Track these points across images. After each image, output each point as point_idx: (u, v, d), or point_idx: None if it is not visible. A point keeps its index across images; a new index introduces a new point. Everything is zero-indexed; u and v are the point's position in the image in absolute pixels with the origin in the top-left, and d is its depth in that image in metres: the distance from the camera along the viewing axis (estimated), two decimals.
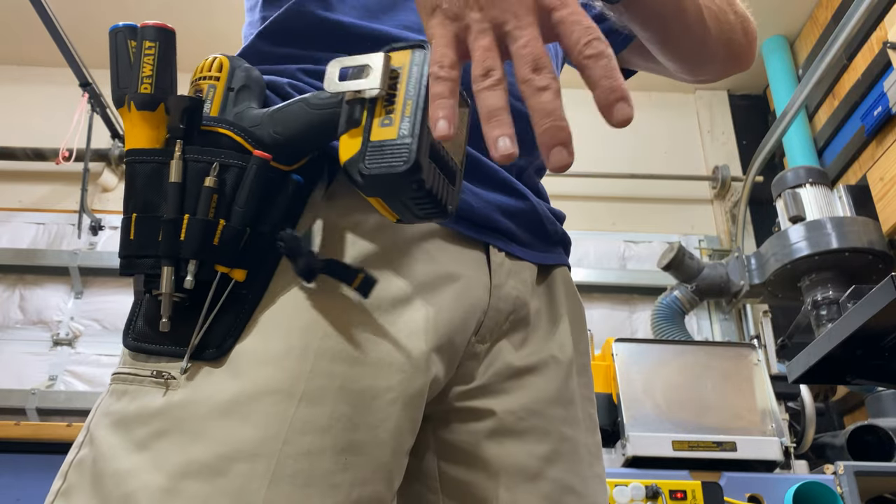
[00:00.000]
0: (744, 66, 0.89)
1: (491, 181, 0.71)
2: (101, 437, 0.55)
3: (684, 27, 0.79)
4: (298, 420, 0.54)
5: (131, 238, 0.55)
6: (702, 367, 2.08)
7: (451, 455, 0.69)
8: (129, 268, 0.56)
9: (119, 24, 0.58)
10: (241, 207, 0.55)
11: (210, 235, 0.54)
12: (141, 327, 0.57)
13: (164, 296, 0.54)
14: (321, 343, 0.57)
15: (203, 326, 0.55)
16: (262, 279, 0.58)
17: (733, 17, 0.85)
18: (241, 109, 0.59)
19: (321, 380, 0.56)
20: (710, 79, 0.93)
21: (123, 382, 0.57)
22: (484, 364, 0.70)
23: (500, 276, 0.70)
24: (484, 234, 0.70)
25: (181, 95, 0.56)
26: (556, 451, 0.70)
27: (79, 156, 2.92)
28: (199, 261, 0.54)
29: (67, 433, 1.99)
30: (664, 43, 0.82)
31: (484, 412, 0.68)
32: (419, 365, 0.61)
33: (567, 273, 0.81)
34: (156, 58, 0.56)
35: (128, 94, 0.56)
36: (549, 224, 0.78)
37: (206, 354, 0.55)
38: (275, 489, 0.52)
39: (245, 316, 0.57)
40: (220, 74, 0.60)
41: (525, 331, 0.73)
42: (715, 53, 0.86)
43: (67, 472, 0.56)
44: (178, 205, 0.55)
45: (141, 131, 0.56)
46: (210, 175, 0.55)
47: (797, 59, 3.22)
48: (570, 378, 0.74)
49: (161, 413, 0.54)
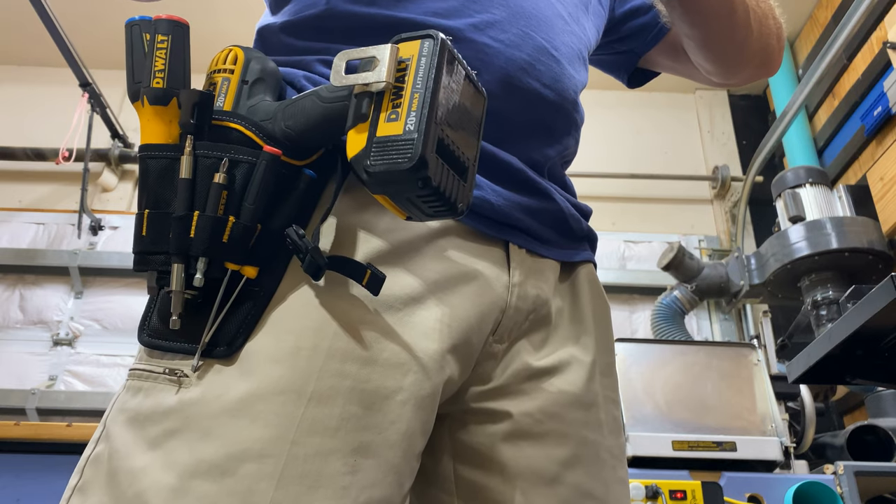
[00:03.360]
0: (773, 71, 0.89)
1: (511, 180, 0.69)
2: (116, 434, 0.56)
3: (731, 27, 0.79)
4: (307, 420, 0.54)
5: (143, 234, 0.55)
6: (702, 367, 2.08)
7: (468, 457, 0.67)
8: (141, 264, 0.56)
9: (135, 18, 0.58)
10: (251, 204, 0.55)
11: (219, 233, 0.54)
12: (155, 324, 0.57)
13: (175, 293, 0.54)
14: (332, 343, 0.56)
15: (213, 324, 0.55)
16: (275, 275, 0.57)
17: (773, 21, 0.84)
18: (255, 103, 0.58)
19: (331, 380, 0.55)
20: (740, 82, 0.91)
21: (139, 379, 0.57)
22: (502, 364, 0.68)
23: (520, 274, 0.68)
24: (503, 232, 0.68)
25: (192, 90, 0.56)
26: (576, 455, 0.68)
27: (79, 156, 2.92)
28: (209, 258, 0.54)
29: (67, 433, 1.98)
30: (707, 41, 0.81)
31: (501, 414, 0.67)
32: (431, 366, 0.60)
33: (592, 270, 0.79)
34: (168, 52, 0.56)
35: (142, 89, 0.56)
36: (574, 221, 0.75)
37: (217, 352, 0.55)
38: (283, 490, 0.52)
39: (257, 312, 0.56)
40: (234, 67, 0.59)
41: (546, 330, 0.71)
42: (752, 57, 0.85)
43: (84, 467, 0.56)
44: (189, 201, 0.54)
45: (154, 126, 0.56)
46: (219, 171, 0.54)
47: (797, 59, 3.22)
48: (592, 379, 0.72)
49: (173, 411, 0.54)
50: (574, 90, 0.75)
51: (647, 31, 0.91)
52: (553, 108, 0.72)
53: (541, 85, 0.70)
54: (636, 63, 0.95)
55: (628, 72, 0.97)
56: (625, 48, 0.94)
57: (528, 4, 0.72)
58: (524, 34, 0.70)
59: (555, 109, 0.73)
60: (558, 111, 0.73)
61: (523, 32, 0.70)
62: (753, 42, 0.82)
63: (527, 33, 0.70)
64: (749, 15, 0.79)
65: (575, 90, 0.75)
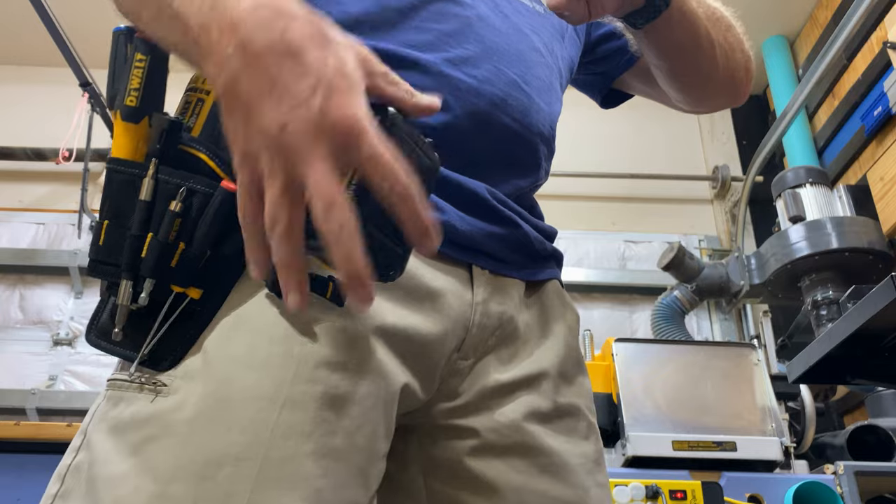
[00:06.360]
0: (739, 102, 0.92)
1: (476, 208, 0.71)
2: (97, 442, 0.57)
3: (697, 60, 0.81)
4: (281, 425, 0.55)
5: (100, 244, 0.57)
6: (702, 367, 2.08)
7: (438, 470, 0.69)
8: (94, 271, 0.57)
9: (121, 27, 0.59)
10: (202, 234, 0.56)
11: (168, 258, 0.56)
12: (102, 327, 0.59)
13: (121, 307, 0.56)
14: (302, 349, 0.57)
15: (152, 340, 0.57)
16: (218, 297, 0.59)
17: (740, 55, 0.86)
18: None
19: (303, 385, 0.56)
20: (707, 111, 0.95)
21: (119, 389, 0.58)
22: (468, 380, 0.70)
23: (483, 292, 0.70)
24: (467, 255, 0.70)
25: (162, 115, 0.57)
26: (542, 465, 0.70)
27: (79, 156, 2.92)
28: (156, 280, 0.56)
29: (67, 433, 1.98)
30: (674, 73, 0.83)
31: (468, 431, 0.69)
32: (394, 372, 0.62)
33: (558, 285, 0.81)
34: (144, 72, 0.57)
35: (117, 100, 0.57)
36: (538, 244, 0.77)
37: (162, 365, 0.57)
38: (260, 493, 0.53)
39: (196, 331, 0.58)
40: (210, 88, 0.60)
41: (514, 345, 0.73)
42: (719, 88, 0.87)
43: (65, 475, 0.57)
44: (145, 223, 0.56)
45: (124, 141, 0.57)
46: (176, 199, 0.56)
47: (797, 59, 3.22)
48: (559, 389, 0.74)
49: (152, 418, 0.55)
50: (543, 123, 0.77)
51: (620, 56, 0.94)
52: (522, 141, 0.75)
53: (511, 120, 0.73)
54: (610, 85, 0.99)
55: (602, 93, 1.00)
56: (599, 70, 0.97)
57: (502, 40, 0.75)
58: (497, 70, 0.72)
59: (523, 143, 0.75)
60: (527, 145, 0.75)
61: (496, 68, 0.72)
62: (720, 74, 0.84)
63: (499, 69, 0.73)
64: (715, 49, 0.81)
65: (544, 123, 0.77)
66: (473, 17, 0.74)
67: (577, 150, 3.08)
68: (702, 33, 0.78)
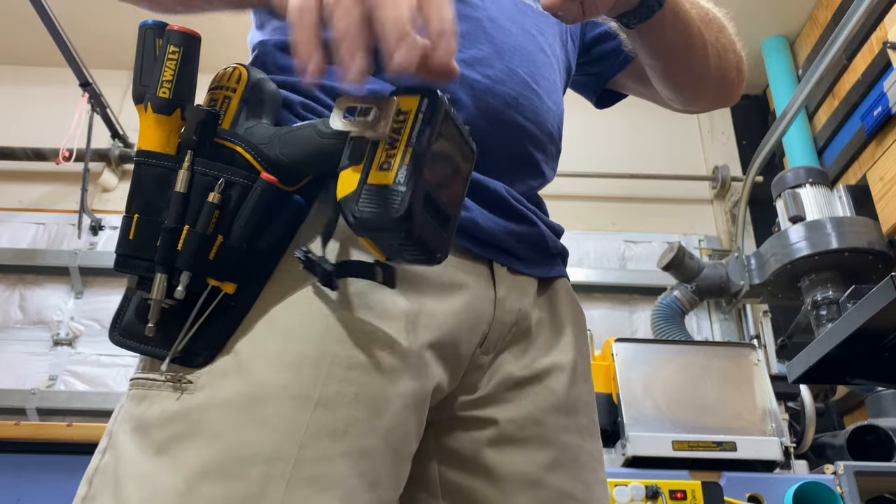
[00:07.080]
0: (731, 102, 0.93)
1: (497, 206, 0.72)
2: (122, 443, 0.56)
3: (690, 60, 0.82)
4: (315, 425, 0.55)
5: (130, 238, 0.56)
6: (702, 367, 2.08)
7: (453, 461, 0.70)
8: (123, 266, 0.57)
9: (149, 21, 0.59)
10: (241, 226, 0.56)
11: (206, 250, 0.55)
12: (128, 324, 0.58)
13: (155, 301, 0.55)
14: (336, 350, 0.57)
15: (187, 335, 0.56)
16: (251, 292, 0.58)
17: (732, 55, 0.88)
18: (253, 125, 0.59)
19: (337, 385, 0.56)
20: (700, 110, 0.96)
21: (142, 388, 0.58)
22: (487, 375, 0.71)
23: (504, 289, 0.72)
24: (488, 251, 0.72)
25: (198, 107, 0.57)
26: (557, 459, 0.71)
27: (79, 156, 2.92)
28: (193, 273, 0.55)
29: (67, 433, 1.98)
30: (667, 73, 0.84)
31: (487, 421, 0.70)
32: (427, 372, 0.62)
33: (567, 283, 0.83)
34: (178, 63, 0.56)
35: (147, 94, 0.56)
36: (551, 242, 0.79)
37: (195, 361, 0.56)
38: (293, 492, 0.52)
39: (231, 327, 0.57)
40: (237, 86, 0.60)
41: (526, 342, 0.74)
42: (711, 88, 0.89)
43: (92, 477, 0.57)
44: (180, 215, 0.55)
45: (154, 133, 0.56)
46: (214, 191, 0.55)
47: (797, 59, 3.22)
48: (573, 385, 0.75)
49: (178, 416, 0.54)
50: (553, 123, 0.79)
51: (615, 57, 0.95)
52: (534, 140, 0.76)
53: (524, 119, 0.74)
54: (604, 85, 1.00)
55: (596, 93, 1.01)
56: (594, 70, 0.98)
57: (512, 40, 0.76)
58: (509, 70, 0.74)
59: (536, 142, 0.77)
60: (539, 144, 0.77)
61: (508, 68, 0.74)
62: (712, 74, 0.85)
63: (511, 69, 0.74)
64: (707, 49, 0.82)
65: (553, 123, 0.79)
66: (484, 18, 0.75)
67: (576, 149, 3.07)
68: (694, 34, 0.79)
